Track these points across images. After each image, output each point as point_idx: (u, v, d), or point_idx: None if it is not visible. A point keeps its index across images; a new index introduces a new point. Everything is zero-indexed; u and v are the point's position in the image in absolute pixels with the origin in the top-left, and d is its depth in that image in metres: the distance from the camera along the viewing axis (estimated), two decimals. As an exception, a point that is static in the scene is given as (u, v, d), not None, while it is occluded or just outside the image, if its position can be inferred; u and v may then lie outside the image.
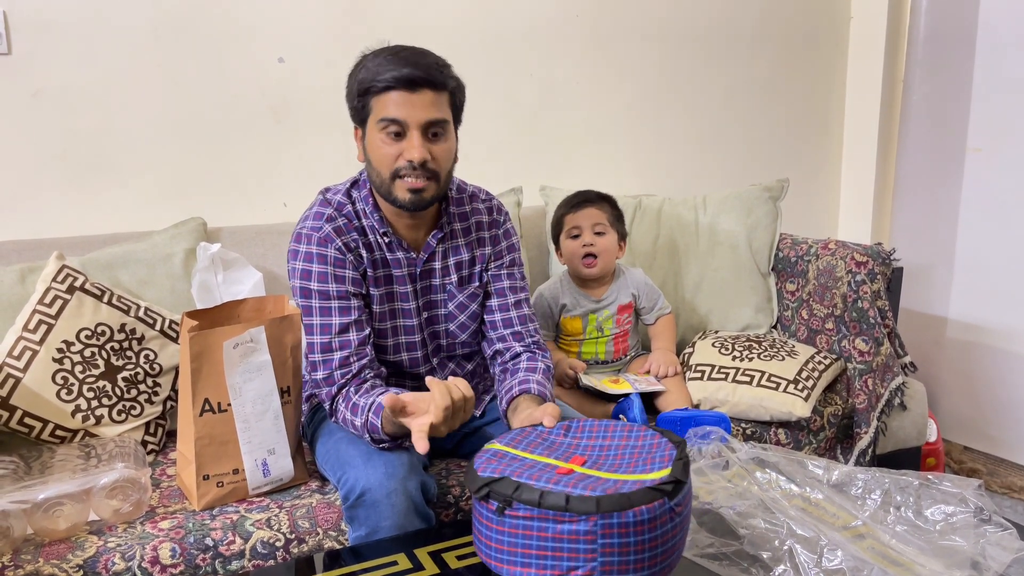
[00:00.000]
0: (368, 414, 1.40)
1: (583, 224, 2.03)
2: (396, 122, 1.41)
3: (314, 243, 1.49)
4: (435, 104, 1.42)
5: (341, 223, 1.51)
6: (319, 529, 1.48)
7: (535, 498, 0.98)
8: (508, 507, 1.00)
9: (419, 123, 1.41)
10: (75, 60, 2.01)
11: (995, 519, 1.15)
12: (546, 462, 1.10)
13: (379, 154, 1.44)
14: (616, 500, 0.97)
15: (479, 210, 1.63)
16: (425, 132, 1.42)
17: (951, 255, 2.86)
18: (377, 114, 1.43)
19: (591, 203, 2.06)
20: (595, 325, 2.05)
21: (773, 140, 2.99)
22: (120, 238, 1.96)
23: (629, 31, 2.65)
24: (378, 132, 1.43)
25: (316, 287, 1.49)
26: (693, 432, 1.42)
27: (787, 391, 1.93)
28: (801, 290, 2.27)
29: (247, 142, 2.21)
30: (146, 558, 1.37)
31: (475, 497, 1.06)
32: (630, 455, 1.13)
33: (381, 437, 1.41)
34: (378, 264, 1.53)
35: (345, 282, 1.49)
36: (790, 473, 1.27)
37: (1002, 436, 2.79)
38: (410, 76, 1.39)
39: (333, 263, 1.49)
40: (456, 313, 1.61)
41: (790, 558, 1.10)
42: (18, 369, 1.63)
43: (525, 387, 1.49)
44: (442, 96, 1.44)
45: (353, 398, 1.45)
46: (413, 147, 1.41)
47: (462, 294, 1.60)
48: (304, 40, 2.22)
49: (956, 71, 2.77)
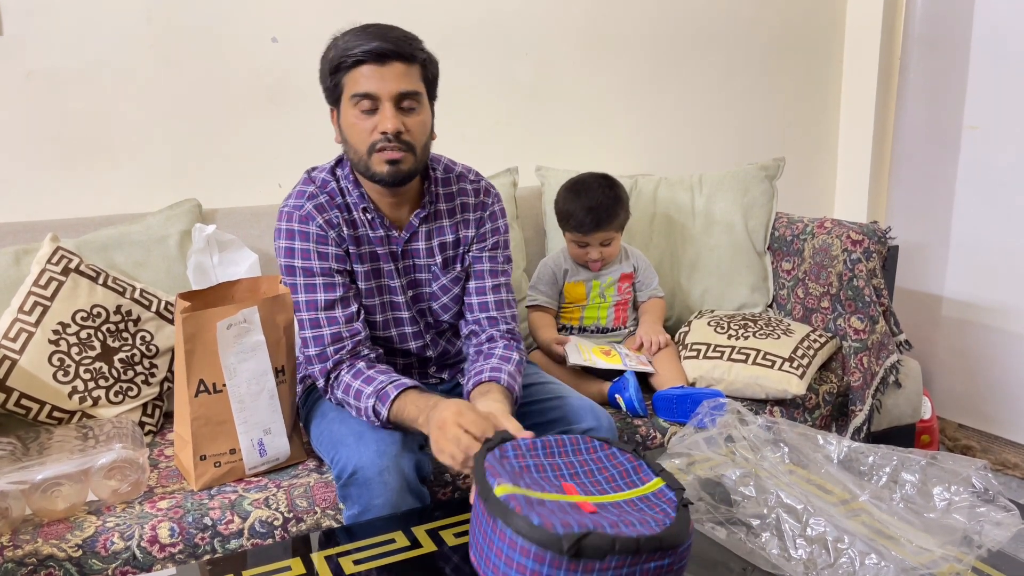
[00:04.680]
0: (374, 399, 1.41)
1: (591, 242, 2.03)
2: (368, 96, 1.41)
3: (295, 221, 1.50)
4: (406, 76, 1.42)
5: (323, 200, 1.51)
6: (317, 508, 1.48)
7: (631, 546, 0.93)
8: (601, 560, 0.93)
9: (391, 95, 1.41)
10: (68, 41, 2.00)
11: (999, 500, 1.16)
12: (567, 500, 1.04)
13: (354, 130, 1.45)
14: (674, 534, 0.96)
15: (466, 190, 1.62)
16: (398, 104, 1.42)
17: (947, 233, 2.86)
18: (349, 90, 1.43)
19: (599, 227, 1.99)
20: (598, 291, 2.07)
21: (769, 119, 2.98)
22: (115, 220, 1.95)
23: (626, 10, 2.64)
24: (352, 108, 1.43)
25: (300, 264, 1.50)
26: (708, 403, 1.43)
27: (783, 369, 1.94)
28: (797, 269, 2.27)
29: (241, 122, 2.20)
30: (145, 537, 1.37)
31: (565, 555, 0.93)
32: (611, 476, 1.13)
33: (381, 421, 1.41)
34: (362, 241, 1.54)
35: (328, 259, 1.50)
36: (800, 447, 1.28)
37: (996, 413, 2.80)
38: (379, 49, 1.39)
39: (315, 240, 1.49)
40: (440, 294, 1.61)
41: (776, 525, 1.12)
42: (14, 351, 1.63)
43: (496, 376, 1.48)
44: (413, 68, 1.44)
45: (355, 381, 1.45)
46: (386, 119, 1.41)
47: (446, 276, 1.60)
48: (297, 19, 2.20)
49: (953, 49, 2.76)
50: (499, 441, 1.12)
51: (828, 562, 1.05)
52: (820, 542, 1.07)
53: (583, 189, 2.03)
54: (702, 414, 1.42)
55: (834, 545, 1.06)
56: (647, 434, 1.81)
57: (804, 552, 1.08)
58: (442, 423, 1.25)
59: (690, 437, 1.34)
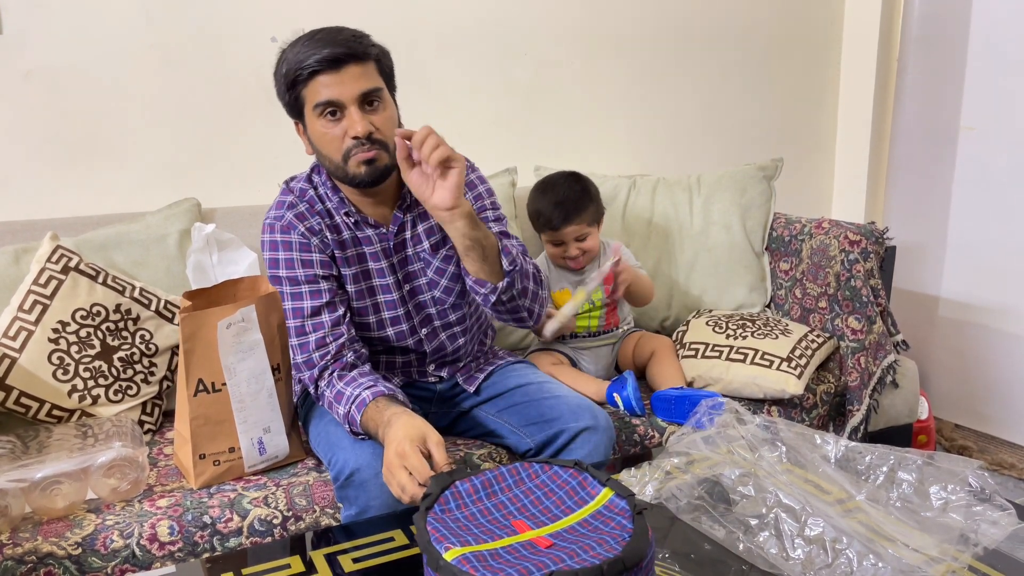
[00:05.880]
0: (350, 406, 1.42)
1: (566, 239, 2.01)
2: (331, 103, 1.41)
3: (278, 232, 1.51)
4: (364, 75, 1.42)
5: (303, 208, 1.52)
6: (316, 507, 1.49)
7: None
8: None
9: (353, 97, 1.41)
10: (68, 40, 2.00)
11: (995, 499, 1.16)
12: (520, 541, 1.00)
13: (324, 140, 1.45)
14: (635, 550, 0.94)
15: None
16: (361, 105, 1.42)
17: (944, 234, 2.87)
18: (311, 101, 1.43)
19: (569, 221, 1.98)
20: (584, 297, 2.06)
21: (767, 119, 2.99)
22: (114, 219, 1.96)
23: (624, 11, 2.64)
24: (317, 119, 1.43)
25: (284, 273, 1.51)
26: (706, 403, 1.43)
27: (780, 369, 1.94)
28: (795, 269, 2.28)
29: (240, 122, 2.20)
30: (144, 535, 1.38)
31: None
32: (558, 499, 1.08)
33: (358, 431, 1.42)
34: (347, 244, 1.54)
35: (313, 265, 1.51)
36: (797, 447, 1.29)
37: (992, 414, 2.81)
38: (332, 55, 1.39)
39: (298, 248, 1.50)
40: (437, 279, 1.61)
41: (775, 525, 1.12)
42: (14, 349, 1.63)
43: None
44: (368, 66, 1.43)
45: (337, 385, 1.47)
46: (355, 122, 1.41)
47: (437, 258, 1.59)
48: (296, 19, 2.19)
49: (951, 49, 2.77)
50: (438, 494, 1.06)
51: (826, 562, 1.06)
52: (818, 542, 1.08)
53: (549, 187, 2.03)
54: (700, 414, 1.42)
55: (832, 545, 1.06)
56: (645, 433, 1.81)
57: (802, 552, 1.08)
58: (389, 463, 1.25)
59: (688, 436, 1.34)
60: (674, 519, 1.21)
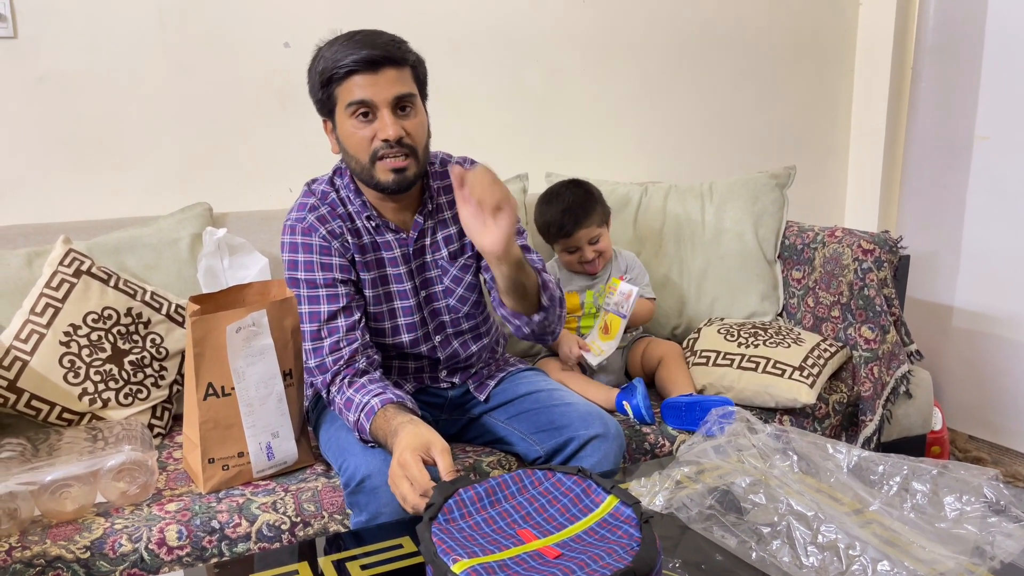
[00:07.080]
0: (360, 414, 1.41)
1: (580, 244, 2.03)
2: (365, 103, 1.41)
3: (298, 233, 1.51)
4: (399, 80, 1.42)
5: (325, 211, 1.52)
6: (324, 512, 1.48)
7: None
8: None
9: (387, 100, 1.41)
10: (81, 44, 2.01)
11: (1011, 510, 1.15)
12: (528, 551, 0.99)
13: (353, 140, 1.45)
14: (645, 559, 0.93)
15: None
16: (394, 109, 1.42)
17: (958, 243, 2.84)
18: (344, 100, 1.43)
19: (580, 224, 2.00)
20: (592, 300, 2.06)
21: (780, 127, 2.98)
22: (126, 223, 1.96)
23: (635, 16, 2.64)
24: (348, 118, 1.43)
25: (303, 276, 1.50)
26: (716, 412, 1.42)
27: (793, 378, 1.93)
28: (807, 277, 2.26)
29: (253, 127, 2.21)
30: (153, 540, 1.37)
31: None
32: (563, 506, 1.07)
33: (368, 439, 1.42)
34: (367, 249, 1.54)
35: (332, 269, 1.50)
36: (809, 456, 1.27)
37: (1007, 425, 2.78)
38: (370, 56, 1.40)
39: (318, 251, 1.50)
40: (453, 287, 1.61)
41: (787, 533, 1.11)
42: (25, 352, 1.64)
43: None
44: (404, 71, 1.44)
45: (347, 392, 1.46)
46: (386, 125, 1.41)
47: (455, 267, 1.60)
48: (310, 25, 2.21)
49: (965, 59, 2.75)
50: (441, 504, 1.05)
51: (840, 569, 1.04)
52: (832, 549, 1.06)
53: (554, 197, 2.06)
54: (711, 422, 1.41)
55: (846, 552, 1.05)
56: (655, 441, 1.80)
57: (816, 559, 1.07)
58: (392, 474, 1.25)
59: (699, 445, 1.33)
60: (685, 529, 1.20)
